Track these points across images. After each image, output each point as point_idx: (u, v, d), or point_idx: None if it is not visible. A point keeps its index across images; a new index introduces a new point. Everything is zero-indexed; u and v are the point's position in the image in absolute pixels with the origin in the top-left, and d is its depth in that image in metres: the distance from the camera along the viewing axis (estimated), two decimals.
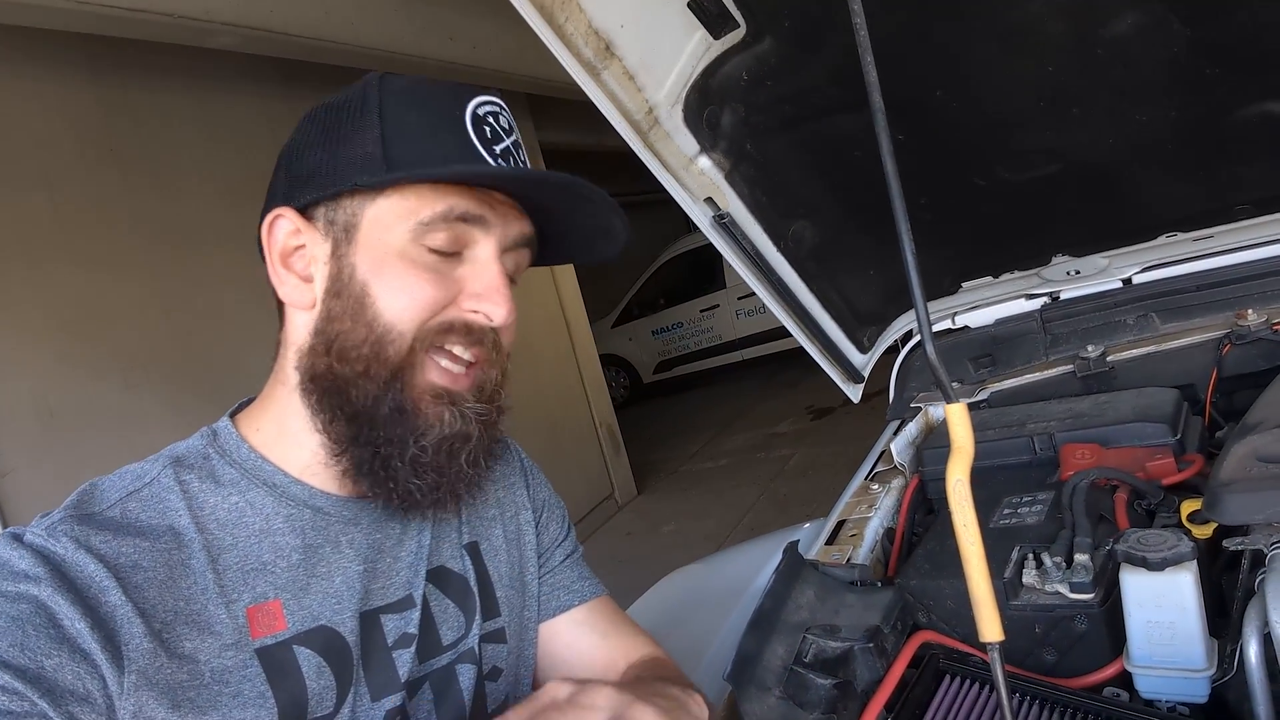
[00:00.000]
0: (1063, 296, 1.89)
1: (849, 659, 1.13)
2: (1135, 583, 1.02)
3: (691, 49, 1.40)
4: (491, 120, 0.89)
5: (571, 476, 6.68)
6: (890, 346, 2.13)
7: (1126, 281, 1.81)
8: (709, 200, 1.58)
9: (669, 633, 1.36)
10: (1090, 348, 1.76)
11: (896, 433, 1.83)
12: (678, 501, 6.94)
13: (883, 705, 1.07)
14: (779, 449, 7.54)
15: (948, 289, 1.98)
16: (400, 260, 0.85)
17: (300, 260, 0.90)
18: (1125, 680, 1.07)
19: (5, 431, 3.24)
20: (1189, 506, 1.18)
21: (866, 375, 2.04)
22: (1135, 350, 1.73)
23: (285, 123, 0.91)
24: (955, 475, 0.74)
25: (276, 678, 0.81)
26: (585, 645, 1.10)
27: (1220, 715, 1.01)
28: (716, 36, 1.40)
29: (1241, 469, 1.07)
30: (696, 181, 1.55)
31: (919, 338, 2.01)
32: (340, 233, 0.87)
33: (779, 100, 1.53)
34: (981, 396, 1.84)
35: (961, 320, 2.00)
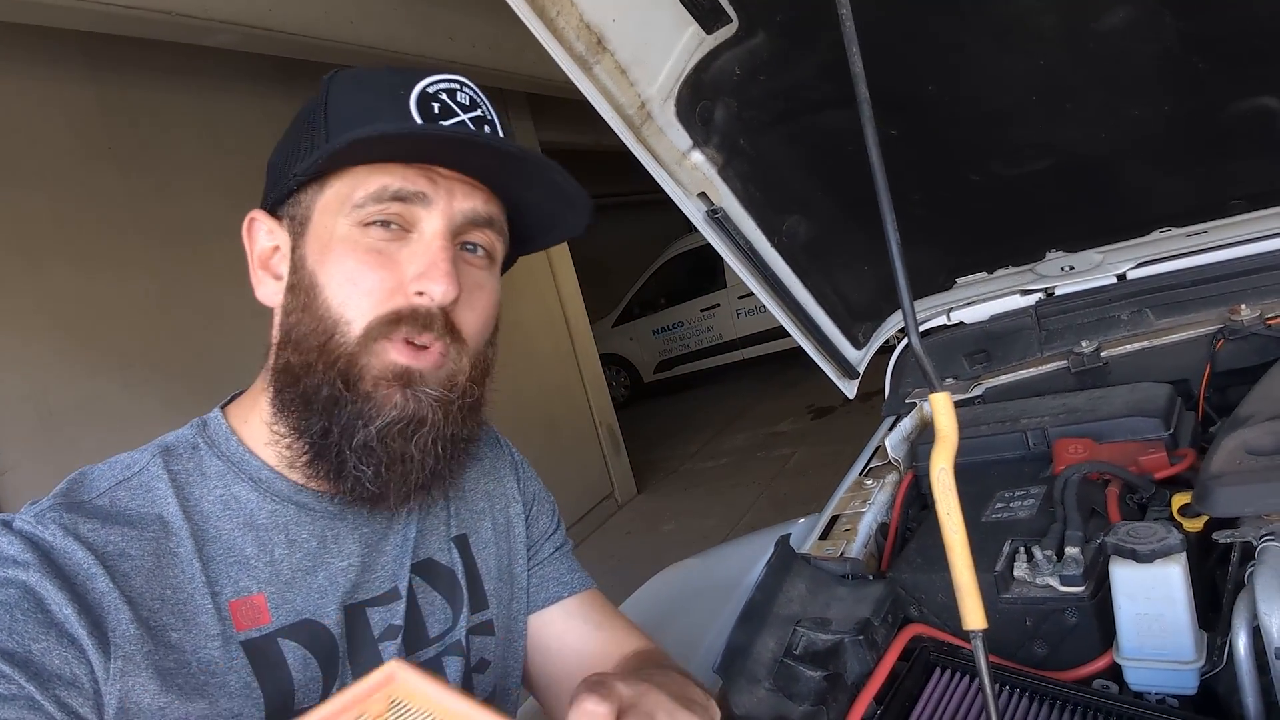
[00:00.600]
0: (1057, 292, 1.89)
1: (839, 652, 1.13)
2: (1125, 575, 1.03)
3: (684, 44, 1.40)
4: (445, 97, 0.85)
5: (571, 475, 6.68)
6: (888, 346, 2.13)
7: (1121, 277, 1.81)
8: (702, 195, 1.58)
9: (663, 627, 1.37)
10: (1084, 343, 1.76)
11: (891, 428, 1.83)
12: (678, 500, 6.94)
13: (872, 697, 1.07)
14: (779, 448, 7.54)
15: (942, 284, 1.98)
16: (342, 245, 0.83)
17: (277, 260, 0.90)
18: (1115, 673, 1.07)
19: (4, 429, 3.25)
20: (1180, 500, 1.18)
21: (862, 371, 2.04)
22: (1129, 345, 1.73)
23: (284, 122, 0.91)
24: (939, 464, 0.74)
25: (262, 670, 0.81)
26: (576, 636, 1.10)
27: (1209, 707, 1.01)
28: (709, 31, 1.40)
29: (1232, 462, 1.07)
30: (690, 176, 1.55)
31: (906, 333, 2.01)
32: (297, 228, 0.87)
33: (771, 95, 1.53)
34: (976, 392, 1.84)
35: (956, 316, 2.00)
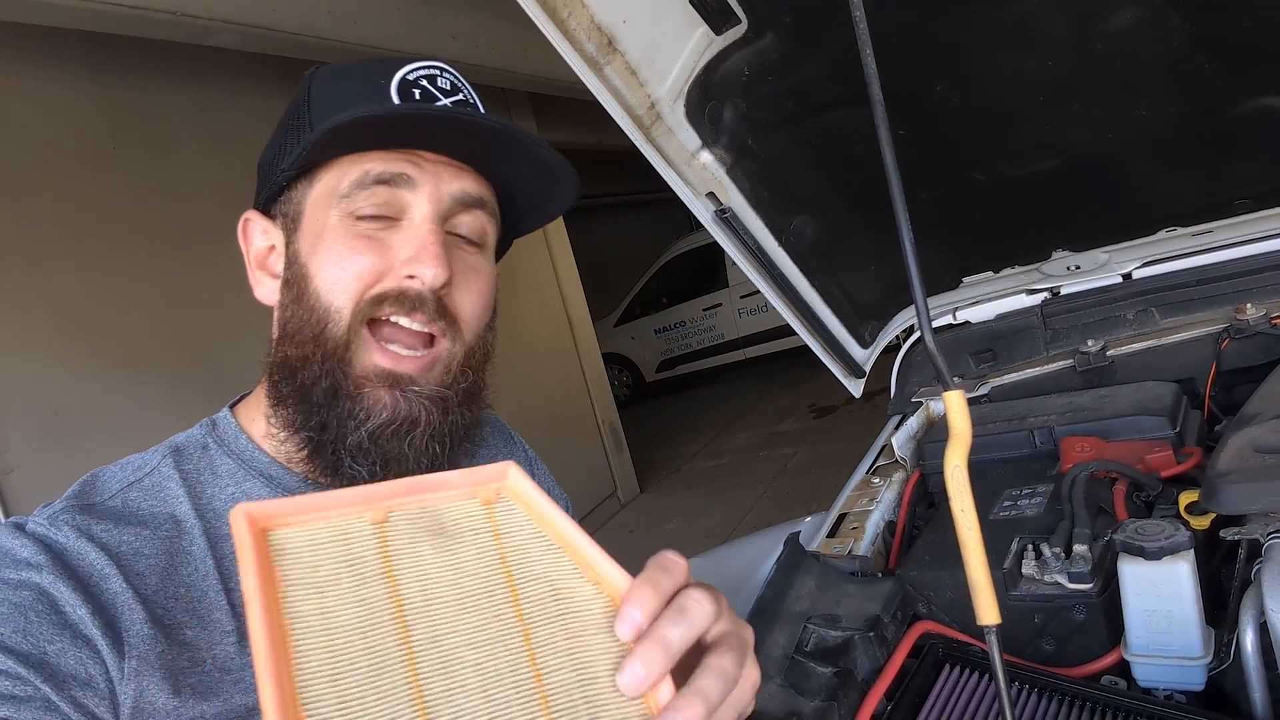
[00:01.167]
0: (1063, 291, 1.90)
1: (849, 648, 1.14)
2: (1133, 572, 1.03)
3: (693, 44, 1.41)
4: (425, 83, 0.85)
5: (574, 474, 6.68)
6: (892, 345, 2.14)
7: (1126, 276, 1.82)
8: (711, 195, 1.59)
9: None
10: (1090, 342, 1.77)
11: (898, 427, 1.84)
12: (680, 499, 6.95)
13: (883, 694, 1.08)
14: (781, 447, 7.54)
15: (948, 284, 1.99)
16: (331, 234, 0.83)
17: (274, 259, 0.90)
18: (1123, 669, 1.08)
19: (9, 430, 3.26)
20: (1187, 498, 1.18)
21: (868, 370, 2.04)
22: (1135, 345, 1.74)
23: None
24: (953, 462, 0.75)
25: None
26: None
27: (1216, 703, 1.02)
28: (718, 32, 1.40)
29: (1239, 460, 1.08)
30: (698, 176, 1.56)
31: (919, 332, 2.02)
32: (290, 224, 0.87)
33: (780, 95, 1.53)
34: (982, 391, 1.85)
35: (962, 315, 2.00)
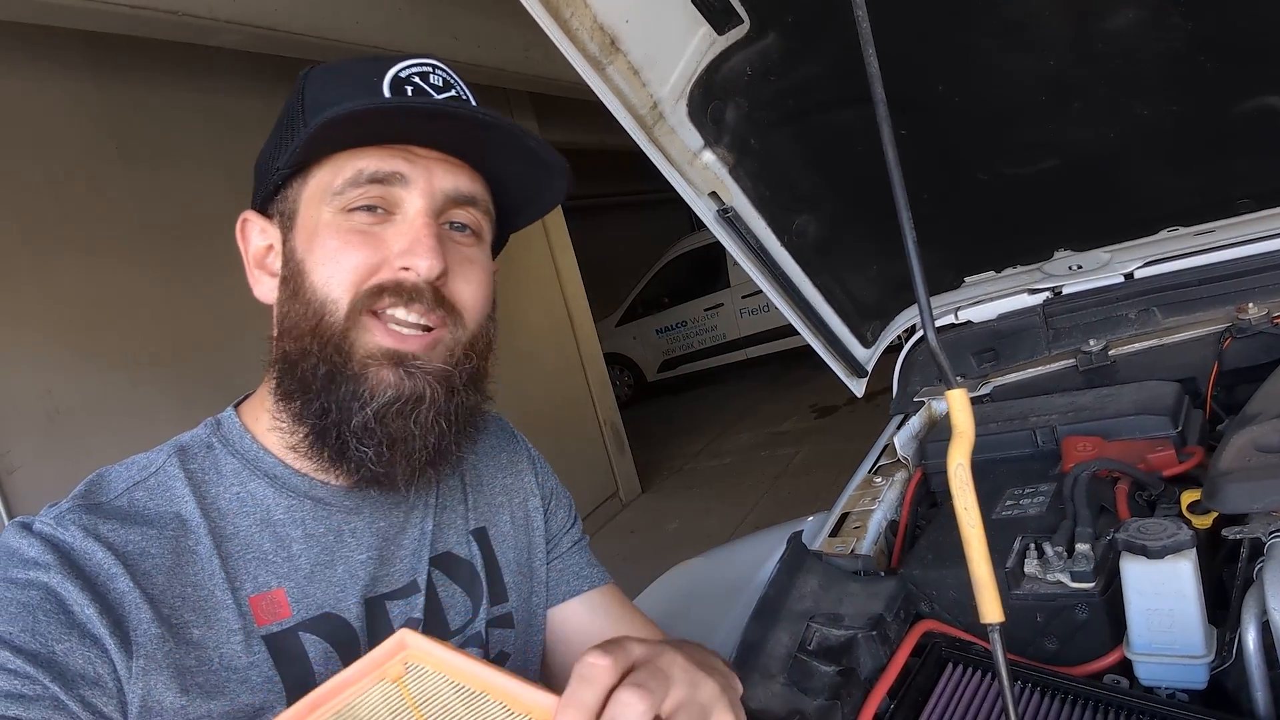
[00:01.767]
0: (1065, 291, 1.90)
1: (852, 647, 1.14)
2: (1135, 570, 1.03)
3: (696, 44, 1.41)
4: (418, 79, 0.86)
5: (576, 474, 6.69)
6: (893, 345, 2.14)
7: (1128, 276, 1.82)
8: (713, 195, 1.59)
9: (672, 626, 1.37)
10: (1092, 342, 1.77)
11: (900, 427, 1.84)
12: (681, 499, 6.95)
13: (885, 692, 1.08)
14: (783, 447, 7.54)
15: (950, 283, 1.99)
16: (325, 230, 0.84)
17: (272, 258, 0.91)
18: (1125, 668, 1.08)
19: (12, 427, 3.26)
20: (1189, 497, 1.18)
21: (870, 369, 2.05)
22: (1137, 344, 1.74)
23: None
24: (956, 460, 0.75)
25: (284, 664, 0.81)
26: (599, 629, 1.11)
27: (1218, 702, 1.02)
28: (720, 32, 1.40)
29: (1241, 459, 1.08)
30: (701, 176, 1.56)
31: (921, 331, 2.02)
32: (286, 222, 0.88)
33: (782, 95, 1.54)
34: (984, 390, 1.85)
35: (964, 315, 2.00)
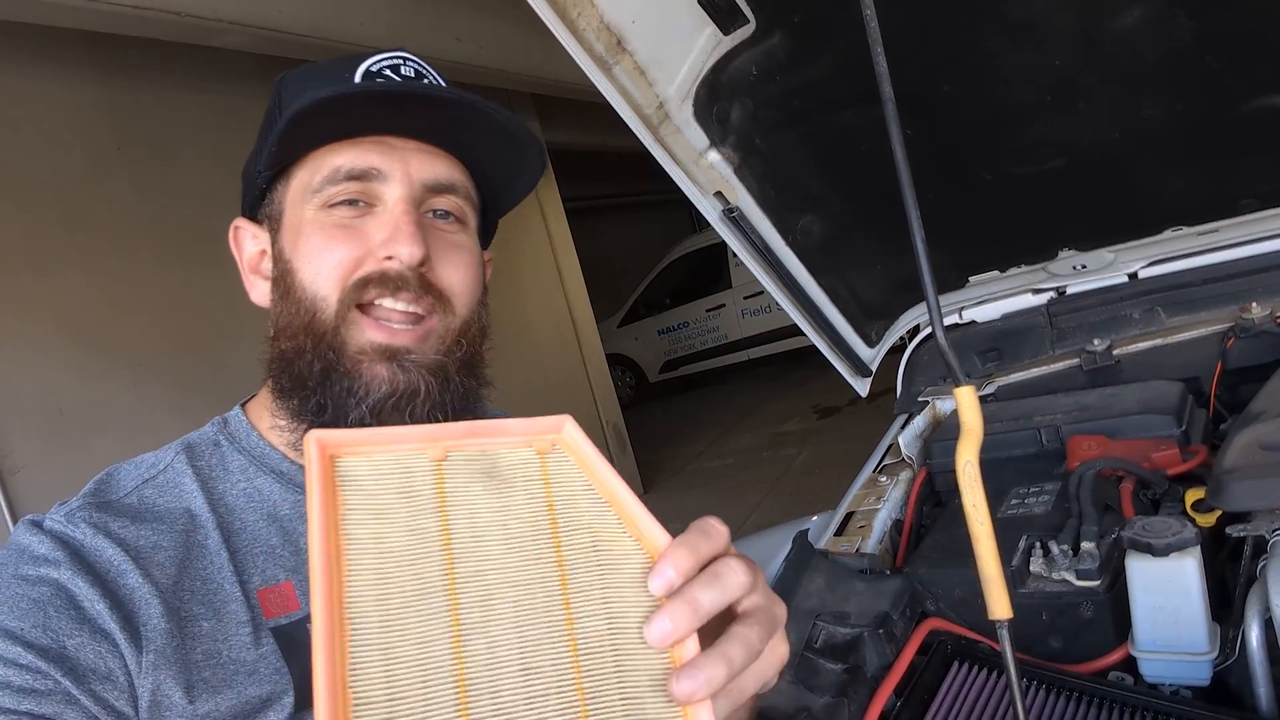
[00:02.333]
0: (1069, 291, 1.90)
1: (859, 645, 1.15)
2: (1140, 568, 1.04)
3: (702, 44, 1.41)
4: (389, 72, 0.86)
5: None
6: (897, 345, 2.14)
7: (1132, 276, 1.82)
8: (718, 194, 1.59)
9: None
10: (1096, 341, 1.77)
11: (904, 426, 1.84)
12: (684, 500, 6.94)
13: (892, 690, 1.09)
14: (785, 448, 7.54)
15: (954, 283, 1.99)
16: (308, 228, 0.84)
17: (266, 263, 0.91)
18: (1130, 665, 1.08)
19: (15, 430, 3.27)
20: (1193, 495, 1.19)
21: (874, 369, 2.05)
22: (1141, 344, 1.74)
23: None
24: (965, 457, 0.75)
25: (292, 656, 0.81)
26: None
27: (1222, 698, 1.02)
28: (726, 32, 1.41)
29: (1244, 457, 1.08)
30: (706, 176, 1.57)
31: (927, 330, 2.02)
32: (274, 225, 0.89)
33: (788, 95, 1.54)
34: (989, 390, 1.85)
35: (968, 315, 2.01)
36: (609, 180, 11.40)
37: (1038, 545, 1.22)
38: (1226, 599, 1.11)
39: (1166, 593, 1.03)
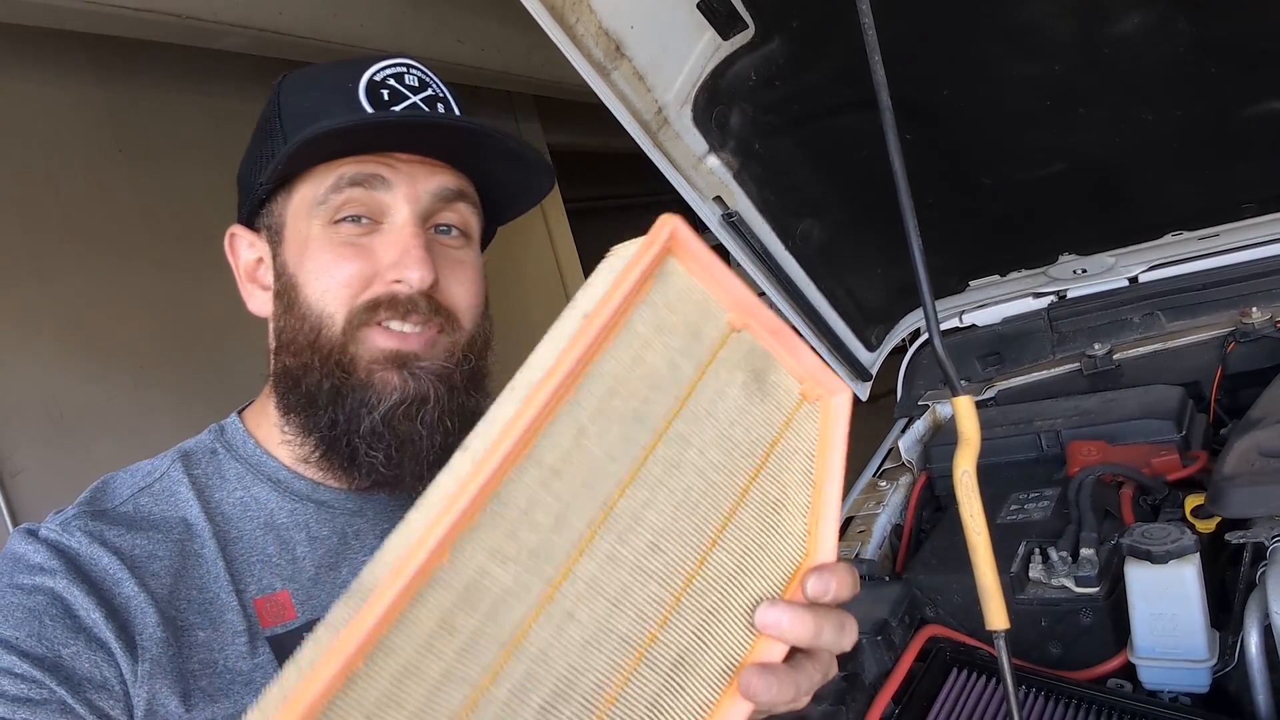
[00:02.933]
0: (1069, 295, 1.90)
1: (857, 652, 1.15)
2: (1139, 575, 1.04)
3: (700, 50, 1.41)
4: (393, 81, 0.85)
5: None
6: (898, 347, 2.14)
7: (1133, 280, 1.82)
8: (717, 199, 1.59)
9: None
10: (1097, 346, 1.77)
11: (904, 430, 1.84)
12: None
13: (890, 697, 1.09)
14: None
15: (955, 287, 1.99)
16: (314, 244, 0.83)
17: (263, 271, 0.91)
18: (1129, 672, 1.08)
19: (15, 432, 3.26)
20: (1192, 501, 1.19)
21: (874, 373, 2.05)
22: (1141, 348, 1.74)
23: None
24: (962, 467, 0.75)
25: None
26: None
27: (1221, 705, 1.02)
28: (725, 37, 1.41)
29: (1244, 463, 1.08)
30: (705, 180, 1.56)
31: (926, 335, 2.02)
32: (274, 236, 0.88)
33: (787, 100, 1.54)
34: (989, 394, 1.85)
35: (969, 319, 2.01)
36: (611, 181, 11.36)
37: (1037, 551, 1.22)
38: (1226, 605, 1.11)
39: (1166, 600, 1.03)
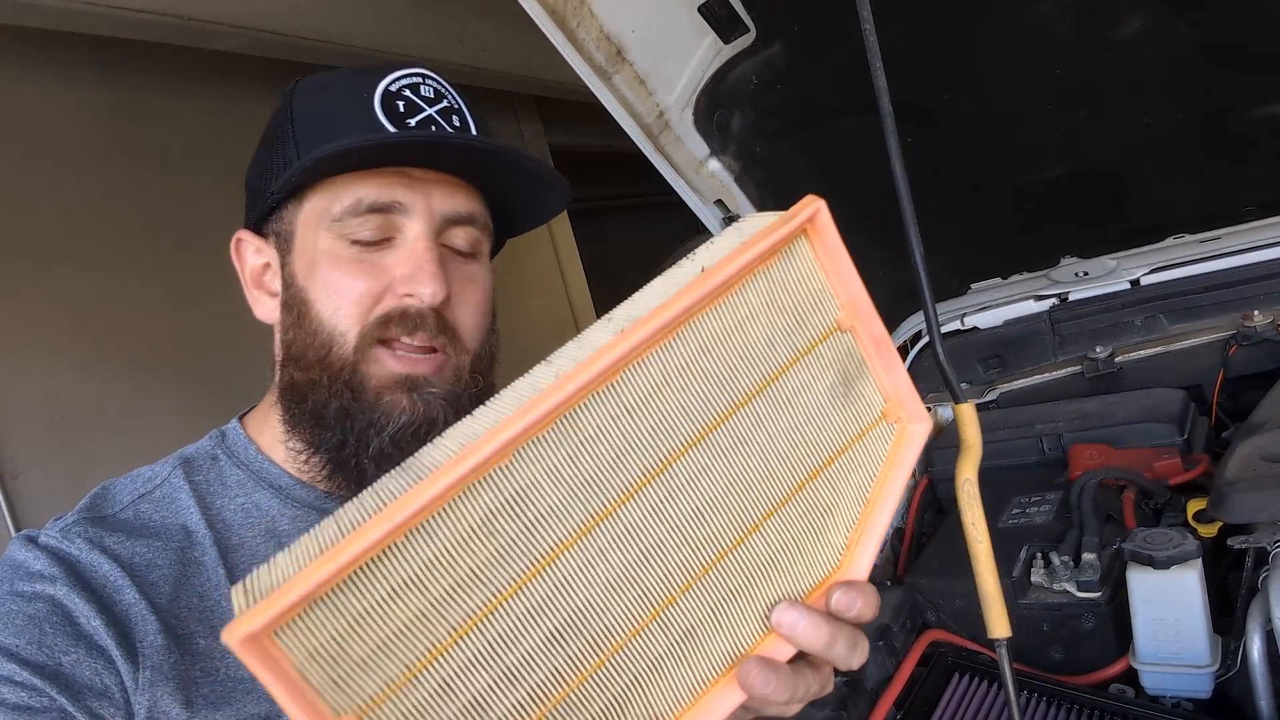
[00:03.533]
0: (1071, 298, 1.89)
1: None
2: (1142, 580, 1.04)
3: (701, 53, 1.41)
4: (409, 93, 0.84)
5: None
6: (899, 349, 2.14)
7: (1134, 283, 1.82)
8: (719, 203, 1.59)
9: None
10: (1098, 348, 1.76)
11: None
12: None
13: (892, 703, 1.08)
14: None
15: (956, 290, 1.99)
16: (325, 260, 0.83)
17: (269, 277, 0.90)
18: (1131, 677, 1.08)
19: (16, 434, 3.25)
20: (1194, 505, 1.19)
21: None
22: (1143, 351, 1.74)
23: None
24: (964, 475, 0.75)
25: None
26: None
27: (1223, 710, 1.02)
28: (726, 41, 1.40)
29: (1246, 468, 1.08)
30: (706, 184, 1.56)
31: (927, 339, 2.02)
32: (283, 244, 0.87)
33: (788, 103, 1.54)
34: (990, 397, 1.85)
35: (970, 321, 2.00)
36: (612, 182, 11.35)
37: (1039, 556, 1.22)
38: (1228, 610, 1.10)
39: (1168, 605, 1.03)
